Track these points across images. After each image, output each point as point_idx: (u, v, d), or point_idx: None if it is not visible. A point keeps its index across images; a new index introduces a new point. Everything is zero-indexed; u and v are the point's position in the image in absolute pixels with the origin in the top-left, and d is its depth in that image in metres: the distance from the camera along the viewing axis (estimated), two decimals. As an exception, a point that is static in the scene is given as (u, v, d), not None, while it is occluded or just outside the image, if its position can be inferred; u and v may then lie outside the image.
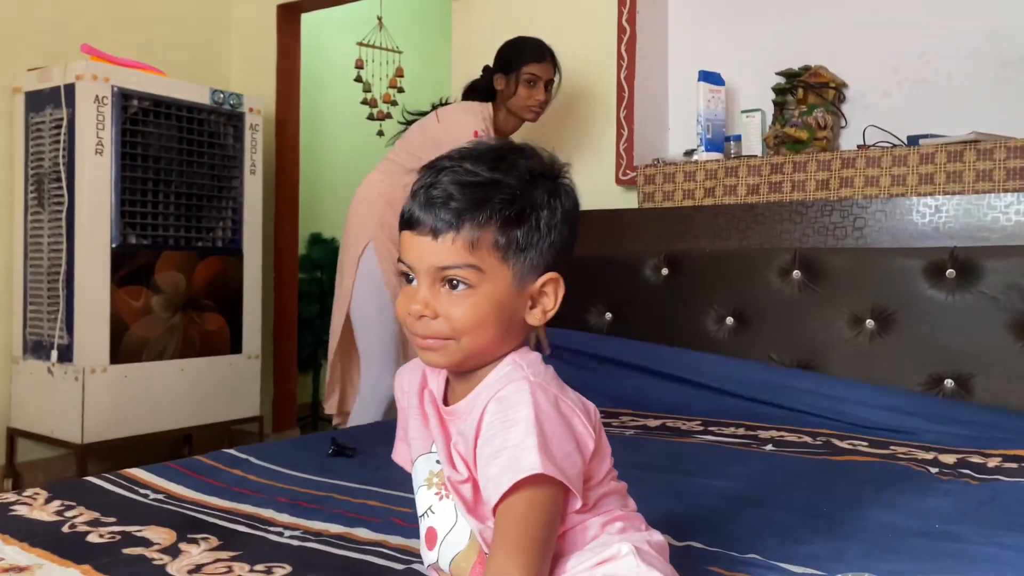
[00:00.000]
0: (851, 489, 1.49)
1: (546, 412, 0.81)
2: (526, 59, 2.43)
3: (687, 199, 2.50)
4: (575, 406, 0.84)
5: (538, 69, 2.43)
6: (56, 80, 2.86)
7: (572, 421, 0.83)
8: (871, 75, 2.44)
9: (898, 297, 2.10)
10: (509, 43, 2.49)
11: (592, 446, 0.85)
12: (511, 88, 2.43)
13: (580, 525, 0.87)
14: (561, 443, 0.81)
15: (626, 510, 0.92)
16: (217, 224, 3.19)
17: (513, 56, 2.45)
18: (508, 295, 0.85)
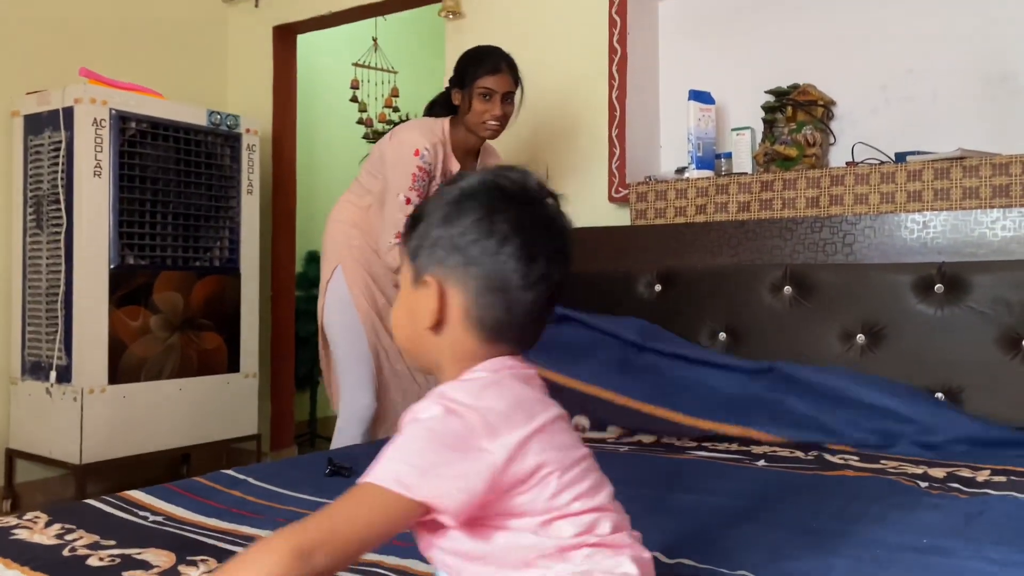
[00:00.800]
0: (841, 504, 1.51)
1: (434, 431, 0.80)
2: (480, 71, 2.30)
3: (679, 216, 2.53)
4: (489, 430, 0.80)
5: (493, 82, 2.29)
6: (55, 103, 2.89)
7: (469, 444, 0.79)
8: (859, 93, 2.47)
9: (888, 312, 2.12)
10: (465, 54, 2.37)
11: (495, 474, 0.80)
12: (466, 103, 2.31)
13: (512, 543, 0.84)
14: (439, 465, 0.78)
15: (601, 536, 0.86)
16: (214, 244, 3.21)
17: (467, 69, 2.32)
18: (408, 294, 0.90)
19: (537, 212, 0.88)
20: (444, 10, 3.10)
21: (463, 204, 0.87)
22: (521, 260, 0.84)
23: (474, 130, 2.33)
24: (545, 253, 0.85)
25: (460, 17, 3.10)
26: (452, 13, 3.09)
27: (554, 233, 0.88)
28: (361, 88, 4.38)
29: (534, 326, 0.89)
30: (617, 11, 2.70)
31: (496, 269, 0.85)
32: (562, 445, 0.85)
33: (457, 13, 3.10)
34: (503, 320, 0.86)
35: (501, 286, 0.85)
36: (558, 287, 0.88)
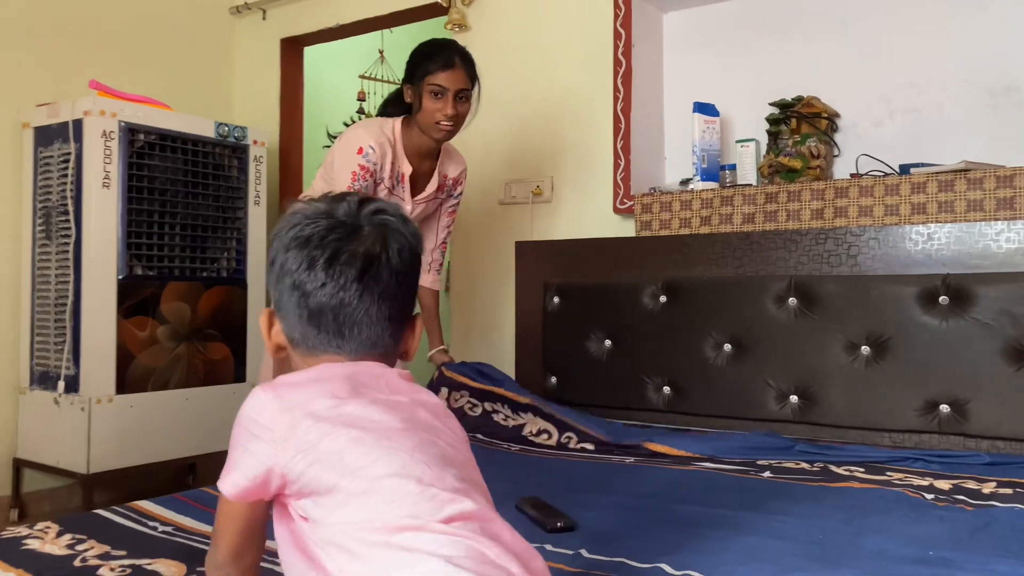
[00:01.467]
0: (846, 516, 1.52)
1: (238, 420, 0.91)
2: (431, 67, 2.14)
3: (683, 227, 2.54)
4: (265, 420, 0.87)
5: (444, 78, 2.13)
6: (64, 115, 2.91)
7: (251, 431, 0.88)
8: (863, 105, 2.49)
9: (892, 323, 2.13)
10: (416, 49, 2.22)
11: (265, 460, 0.86)
12: (417, 101, 2.16)
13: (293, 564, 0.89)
14: (236, 454, 0.89)
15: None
16: (222, 255, 3.23)
17: (419, 63, 2.17)
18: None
19: (303, 230, 0.95)
20: (450, 23, 3.13)
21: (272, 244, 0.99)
22: (302, 272, 0.93)
23: (426, 131, 2.19)
24: (318, 262, 0.93)
25: (466, 30, 3.12)
26: (458, 26, 3.12)
27: (315, 243, 0.93)
28: (368, 100, 4.40)
29: (318, 332, 0.94)
30: (622, 24, 2.72)
31: (284, 289, 0.95)
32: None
33: (463, 26, 3.12)
34: (306, 336, 0.95)
35: (296, 301, 0.94)
36: (358, 284, 0.93)
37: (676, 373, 2.42)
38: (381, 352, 0.97)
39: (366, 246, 0.94)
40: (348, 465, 0.84)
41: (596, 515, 1.53)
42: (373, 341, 0.95)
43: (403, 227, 0.99)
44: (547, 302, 2.67)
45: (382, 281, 0.94)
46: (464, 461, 0.94)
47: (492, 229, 3.08)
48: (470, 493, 0.88)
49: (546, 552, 1.32)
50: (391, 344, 0.98)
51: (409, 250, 0.98)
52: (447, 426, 0.96)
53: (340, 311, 0.93)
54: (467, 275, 3.16)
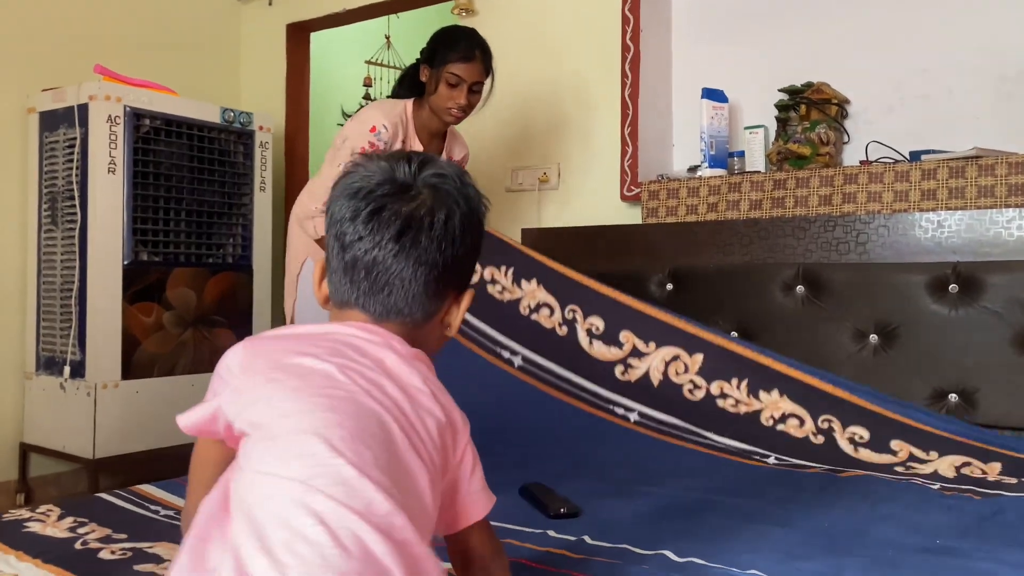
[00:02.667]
0: (853, 504, 1.50)
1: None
2: (452, 56, 2.19)
3: (691, 215, 2.52)
4: (228, 363, 0.89)
5: (463, 70, 2.19)
6: (70, 100, 2.91)
7: (217, 372, 0.90)
8: (873, 91, 2.46)
9: (901, 312, 2.11)
10: (440, 33, 2.27)
11: (216, 399, 0.87)
12: (432, 85, 2.22)
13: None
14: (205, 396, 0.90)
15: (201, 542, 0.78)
16: (227, 241, 3.23)
17: (439, 49, 2.22)
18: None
19: (356, 182, 0.93)
20: (457, 8, 3.10)
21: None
22: (345, 223, 0.91)
23: (436, 113, 2.26)
24: (360, 214, 0.90)
25: (473, 14, 3.10)
26: (465, 11, 3.10)
27: (362, 196, 0.91)
28: (374, 86, 4.38)
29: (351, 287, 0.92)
30: (630, 9, 2.69)
31: (330, 238, 0.94)
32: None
33: (470, 10, 3.10)
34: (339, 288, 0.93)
35: (336, 251, 0.93)
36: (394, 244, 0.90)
37: (682, 361, 2.40)
38: (409, 321, 0.92)
39: (411, 207, 0.90)
40: (272, 411, 0.80)
41: (599, 502, 1.52)
42: (401, 308, 0.91)
43: (461, 193, 0.94)
44: (553, 289, 2.65)
45: (420, 246, 0.90)
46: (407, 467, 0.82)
47: (498, 216, 3.06)
48: (388, 492, 0.77)
49: (549, 538, 1.32)
50: (422, 314, 0.93)
51: (463, 218, 0.93)
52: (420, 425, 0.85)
53: (373, 268, 0.90)
54: (473, 262, 3.15)
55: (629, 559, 1.22)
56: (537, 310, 2.25)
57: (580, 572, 1.16)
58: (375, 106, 2.30)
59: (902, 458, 1.77)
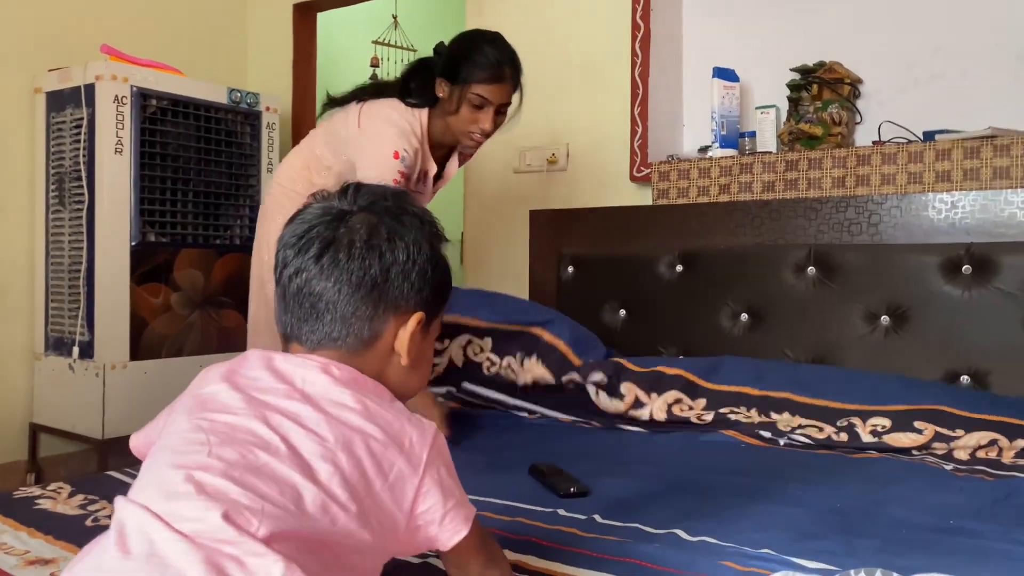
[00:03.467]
0: (865, 485, 1.50)
1: None
2: (478, 75, 1.91)
3: (701, 196, 2.50)
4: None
5: (490, 92, 1.92)
6: (76, 80, 2.90)
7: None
8: (886, 71, 2.43)
9: (913, 293, 2.09)
10: (463, 43, 1.98)
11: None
12: (452, 104, 1.94)
13: None
14: None
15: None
16: (235, 222, 3.22)
17: (463, 65, 1.92)
18: None
19: (302, 211, 0.92)
20: (465, -13, 3.07)
21: None
22: (282, 248, 0.90)
23: (455, 135, 2.02)
24: (292, 237, 0.89)
25: (481, -6, 3.07)
26: (473, -10, 3.06)
27: (303, 220, 0.90)
28: (381, 66, 4.36)
29: (287, 316, 0.90)
30: (640, -13, 2.66)
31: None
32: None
33: (478, -10, 3.07)
34: (280, 319, 0.92)
35: (276, 278, 0.92)
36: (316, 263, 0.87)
37: (692, 343, 2.39)
38: (343, 347, 0.88)
39: (341, 229, 0.87)
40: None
41: (610, 482, 1.52)
42: (332, 334, 0.87)
43: (390, 210, 0.90)
44: (561, 271, 2.64)
45: (341, 264, 0.86)
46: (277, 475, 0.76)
47: (506, 198, 3.05)
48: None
49: (559, 517, 1.31)
50: (355, 339, 0.87)
51: (390, 232, 0.88)
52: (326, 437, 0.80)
53: (299, 293, 0.87)
54: (481, 244, 3.14)
55: (640, 538, 1.22)
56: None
57: (591, 551, 1.16)
58: (390, 122, 1.97)
59: (928, 437, 1.75)
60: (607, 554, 1.14)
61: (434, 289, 0.92)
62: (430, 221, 0.93)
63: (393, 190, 0.94)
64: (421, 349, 0.94)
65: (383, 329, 0.89)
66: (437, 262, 0.92)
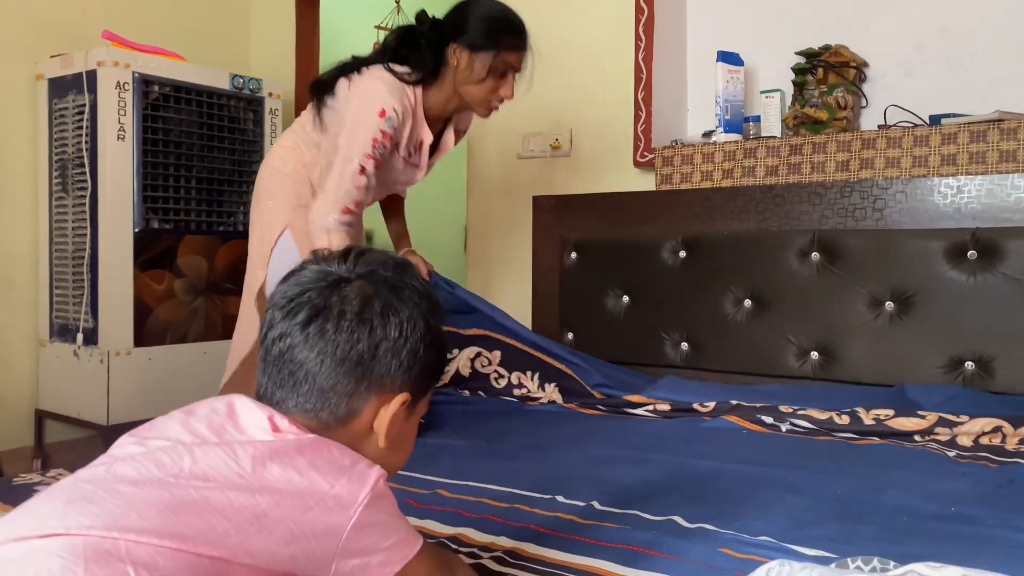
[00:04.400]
0: (866, 472, 1.49)
1: None
2: (507, 41, 1.88)
3: (705, 181, 2.49)
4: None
5: (517, 59, 1.90)
6: (78, 67, 2.89)
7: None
8: (892, 54, 2.40)
9: (918, 279, 2.07)
10: (487, 10, 1.91)
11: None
12: (475, 71, 1.88)
13: None
14: None
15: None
16: (238, 208, 3.21)
17: (490, 32, 1.87)
18: None
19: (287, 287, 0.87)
20: (467, -30, 3.04)
21: None
22: (270, 309, 0.87)
23: (473, 104, 1.95)
24: (282, 299, 0.85)
25: (484, -22, 3.04)
26: (476, -27, 3.03)
27: (297, 282, 0.86)
28: (384, 52, 4.33)
29: (264, 378, 0.85)
30: (644, -30, 2.63)
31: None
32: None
33: (481, -27, 3.04)
34: (259, 379, 0.88)
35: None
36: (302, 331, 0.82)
37: (695, 329, 2.38)
38: (315, 420, 0.82)
39: (334, 298, 0.82)
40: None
41: (608, 468, 1.51)
42: (306, 405, 0.82)
43: (390, 282, 0.85)
44: (565, 257, 2.63)
45: (327, 335, 0.81)
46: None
47: (509, 183, 3.03)
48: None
49: (557, 504, 1.31)
50: (330, 414, 0.82)
51: (384, 306, 0.83)
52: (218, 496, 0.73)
53: (281, 357, 0.82)
54: (484, 230, 3.12)
55: (638, 525, 1.21)
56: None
57: (588, 538, 1.15)
58: (381, 81, 1.87)
59: (931, 422, 1.74)
60: (604, 541, 1.14)
61: (424, 368, 0.86)
62: (430, 297, 0.88)
63: (396, 260, 0.89)
64: (403, 431, 0.88)
65: (362, 407, 0.84)
66: (431, 340, 0.86)
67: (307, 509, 0.74)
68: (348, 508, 0.76)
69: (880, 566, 0.91)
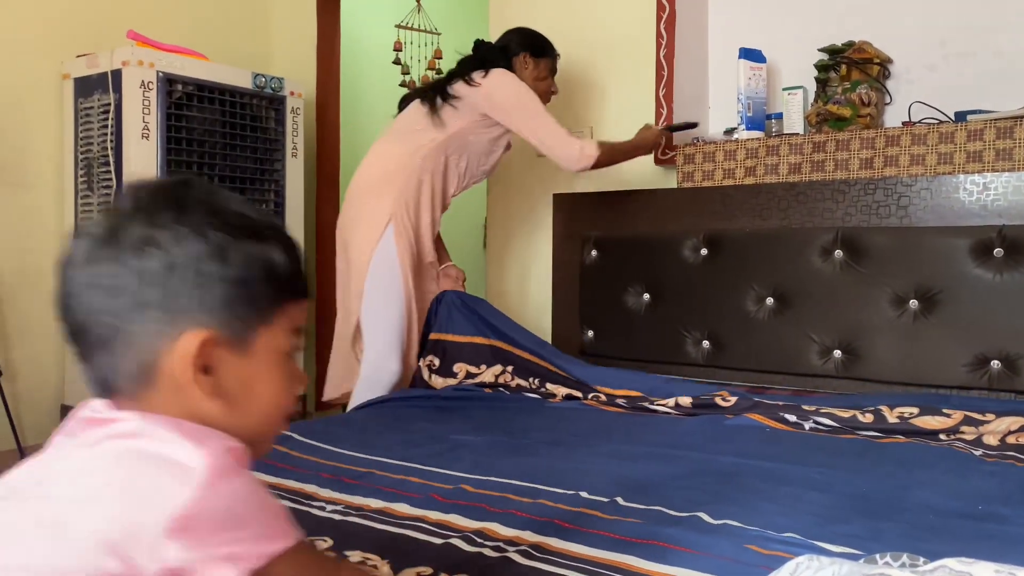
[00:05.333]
0: (892, 470, 1.48)
1: None
2: (553, 51, 2.54)
3: (727, 178, 2.48)
4: None
5: (554, 68, 2.56)
6: (103, 66, 2.92)
7: None
8: (917, 50, 2.38)
9: (943, 277, 2.06)
10: (532, 31, 2.54)
11: None
12: (539, 71, 2.49)
13: None
14: None
15: None
16: (260, 206, 3.23)
17: (544, 44, 2.52)
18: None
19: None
20: (488, -31, 3.06)
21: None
22: None
23: (538, 96, 2.46)
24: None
25: (504, -24, 3.05)
26: (496, -28, 3.05)
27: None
28: (404, 50, 4.35)
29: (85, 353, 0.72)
30: (665, -33, 2.63)
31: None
32: None
33: (501, -28, 3.05)
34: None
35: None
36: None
37: (716, 327, 2.37)
38: (121, 394, 0.68)
39: (107, 240, 0.67)
40: None
41: (631, 464, 1.51)
42: (109, 375, 0.68)
43: (174, 212, 0.67)
44: (585, 255, 2.63)
45: (115, 283, 0.66)
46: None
47: (529, 181, 3.04)
48: None
49: (581, 499, 1.31)
50: (130, 379, 0.67)
51: (186, 240, 0.66)
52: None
53: (75, 324, 0.70)
54: (504, 228, 3.13)
55: (662, 520, 1.21)
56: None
57: (614, 533, 1.16)
58: (509, 73, 2.43)
59: (956, 420, 1.73)
60: (630, 536, 1.14)
61: (228, 295, 0.67)
62: (210, 205, 0.69)
63: (163, 182, 0.72)
64: (242, 377, 0.69)
65: (157, 360, 0.66)
66: (225, 256, 0.67)
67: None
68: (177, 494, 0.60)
69: (910, 562, 0.90)
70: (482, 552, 1.09)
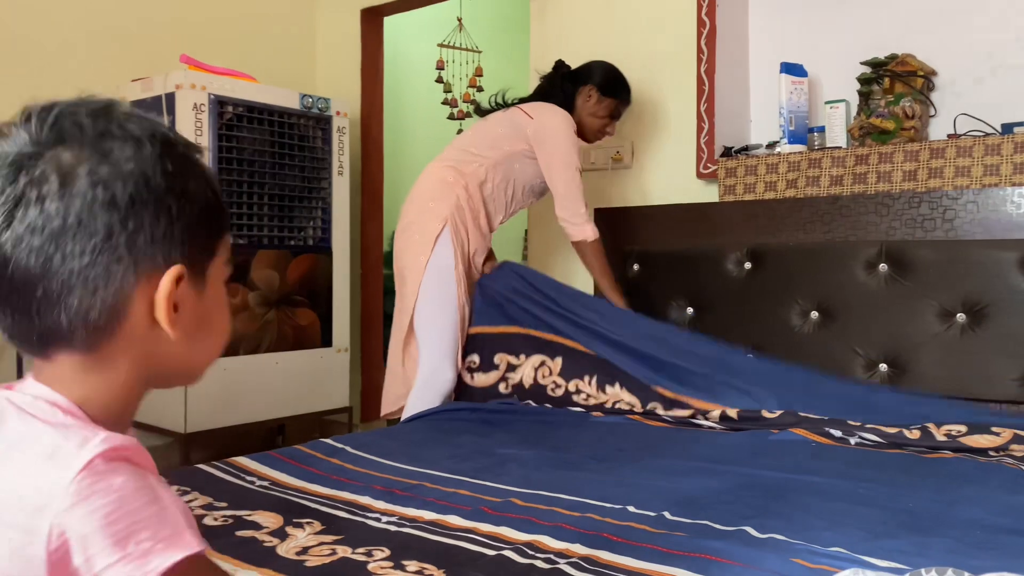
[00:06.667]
0: (939, 485, 1.48)
1: None
2: (624, 96, 2.54)
3: (769, 191, 2.48)
4: None
5: (624, 109, 2.57)
6: (158, 89, 3.02)
7: None
8: (962, 62, 2.37)
9: (991, 290, 2.04)
10: (612, 68, 2.55)
11: None
12: (599, 108, 2.50)
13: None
14: None
15: None
16: (308, 223, 3.32)
17: (616, 85, 2.53)
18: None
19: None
20: (529, -12, 3.11)
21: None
22: None
23: (586, 134, 2.54)
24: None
25: (545, -6, 3.09)
26: (537, -9, 3.09)
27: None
28: (446, 69, 4.42)
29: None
30: (705, -17, 2.65)
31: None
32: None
33: (542, -10, 3.10)
34: None
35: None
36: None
37: (761, 341, 2.37)
38: (74, 349, 0.62)
39: (22, 182, 0.60)
40: None
41: (678, 479, 1.53)
42: (58, 329, 0.61)
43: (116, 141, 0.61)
44: (627, 269, 2.66)
45: (51, 227, 0.59)
46: None
47: (571, 196, 3.06)
48: None
49: (628, 513, 1.34)
50: (90, 329, 0.61)
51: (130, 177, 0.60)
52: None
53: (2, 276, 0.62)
54: (545, 242, 3.16)
55: (709, 534, 1.23)
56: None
57: (662, 546, 1.18)
58: (562, 115, 2.45)
59: (1006, 439, 1.72)
60: (678, 549, 1.16)
61: (189, 227, 0.63)
62: (155, 133, 0.63)
63: (92, 104, 0.64)
64: (199, 311, 0.66)
65: (125, 304, 0.61)
66: (175, 187, 0.62)
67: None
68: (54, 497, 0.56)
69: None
70: (534, 564, 1.12)
